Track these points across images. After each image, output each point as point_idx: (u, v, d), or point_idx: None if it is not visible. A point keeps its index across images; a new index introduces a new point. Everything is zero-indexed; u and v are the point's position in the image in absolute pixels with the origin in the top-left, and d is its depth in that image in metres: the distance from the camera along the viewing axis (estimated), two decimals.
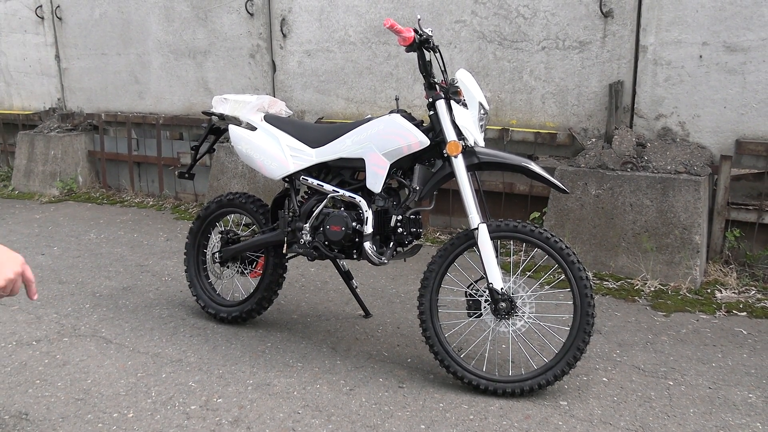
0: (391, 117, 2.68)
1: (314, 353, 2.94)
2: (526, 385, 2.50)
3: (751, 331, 3.15)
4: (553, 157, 4.51)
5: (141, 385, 2.65)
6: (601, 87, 4.27)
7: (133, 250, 4.60)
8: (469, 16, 4.64)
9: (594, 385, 2.63)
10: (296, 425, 2.35)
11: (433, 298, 2.63)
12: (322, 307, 3.51)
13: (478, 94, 2.60)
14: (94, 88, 6.75)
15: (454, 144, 2.54)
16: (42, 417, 2.42)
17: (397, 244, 2.79)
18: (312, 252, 2.88)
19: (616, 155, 4.04)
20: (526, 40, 4.47)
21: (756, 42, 3.78)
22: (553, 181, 2.56)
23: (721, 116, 3.94)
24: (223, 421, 2.38)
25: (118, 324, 3.28)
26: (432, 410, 2.45)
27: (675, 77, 4.03)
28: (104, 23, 6.48)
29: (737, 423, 2.35)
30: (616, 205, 3.89)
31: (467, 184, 2.54)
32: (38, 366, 2.83)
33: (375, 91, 5.11)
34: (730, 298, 3.54)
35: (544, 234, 2.49)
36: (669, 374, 2.72)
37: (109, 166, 6.68)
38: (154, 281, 3.95)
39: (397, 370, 2.78)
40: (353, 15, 5.10)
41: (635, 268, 3.82)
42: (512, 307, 2.50)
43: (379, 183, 2.71)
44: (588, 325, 2.44)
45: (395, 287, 3.80)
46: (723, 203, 3.90)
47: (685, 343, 3.02)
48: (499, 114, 4.67)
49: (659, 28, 4.03)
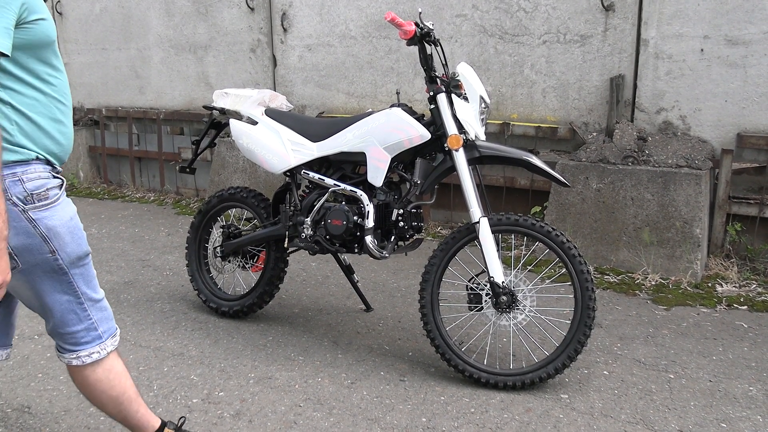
0: (392, 111, 2.68)
1: (316, 347, 2.95)
2: (527, 378, 2.51)
3: (751, 325, 3.15)
4: (554, 151, 4.51)
5: (143, 379, 2.66)
6: (602, 81, 4.27)
7: (134, 245, 4.61)
8: (470, 10, 4.64)
9: (595, 379, 2.63)
10: (298, 418, 2.36)
11: (435, 292, 2.63)
12: (324, 301, 3.52)
13: (479, 88, 2.60)
14: (95, 83, 6.75)
15: (455, 137, 2.54)
16: (44, 410, 2.43)
17: (399, 238, 2.79)
18: (313, 246, 2.88)
19: (617, 149, 4.04)
20: (527, 34, 4.46)
21: (757, 35, 3.77)
22: (554, 174, 2.56)
23: (723, 110, 3.94)
24: (224, 414, 2.39)
25: (120, 318, 3.29)
26: (433, 403, 2.46)
27: (676, 71, 4.03)
28: (105, 18, 6.47)
29: (738, 416, 2.36)
30: (617, 199, 3.89)
31: (468, 177, 2.54)
32: (40, 360, 2.84)
33: (376, 85, 5.11)
34: (730, 291, 3.54)
35: (545, 228, 2.49)
36: (670, 367, 2.73)
37: (110, 161, 6.68)
38: (155, 276, 3.95)
39: (398, 364, 2.78)
40: (354, 9, 5.09)
41: (636, 262, 3.82)
42: (513, 300, 2.51)
43: (380, 177, 2.71)
44: (589, 319, 2.45)
45: (396, 281, 3.80)
46: (724, 197, 3.89)
47: (686, 336, 3.03)
48: (500, 108, 4.66)
49: (660, 21, 4.02)
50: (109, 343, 1.86)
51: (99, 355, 1.83)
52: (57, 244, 1.69)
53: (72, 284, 1.77)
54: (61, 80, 1.75)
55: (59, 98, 1.74)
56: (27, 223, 1.65)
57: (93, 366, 1.84)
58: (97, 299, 1.84)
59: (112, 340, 1.88)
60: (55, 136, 1.73)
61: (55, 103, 1.73)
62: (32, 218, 1.65)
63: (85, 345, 1.82)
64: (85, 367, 1.83)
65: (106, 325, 1.86)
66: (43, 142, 1.70)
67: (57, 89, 1.74)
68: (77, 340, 1.81)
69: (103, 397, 1.88)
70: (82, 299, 1.80)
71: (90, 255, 1.81)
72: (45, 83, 1.70)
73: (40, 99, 1.69)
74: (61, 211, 1.71)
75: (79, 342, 1.81)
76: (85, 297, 1.80)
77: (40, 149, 1.70)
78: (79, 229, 1.76)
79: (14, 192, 1.63)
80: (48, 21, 1.68)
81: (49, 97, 1.71)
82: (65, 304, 1.77)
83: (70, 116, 1.79)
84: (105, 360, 1.85)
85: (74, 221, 1.75)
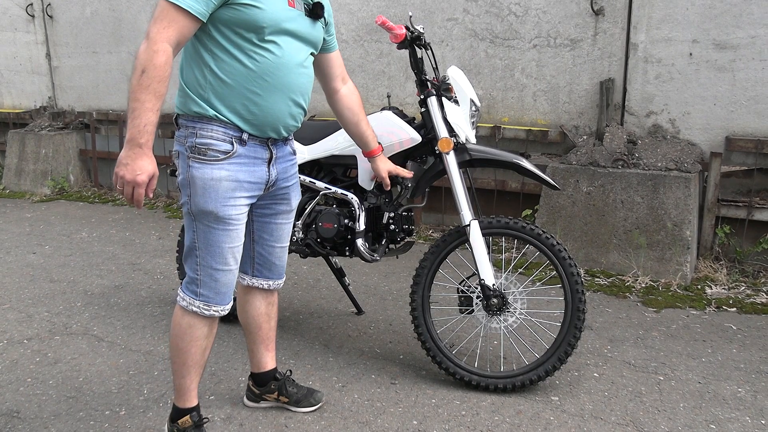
0: (383, 114, 2.69)
1: (306, 350, 2.95)
2: (518, 381, 2.52)
3: (740, 327, 3.17)
4: (545, 154, 4.53)
5: (133, 383, 2.65)
6: (592, 84, 4.29)
7: (125, 249, 4.59)
8: (461, 14, 4.65)
9: (585, 381, 2.64)
10: (289, 422, 2.36)
11: (425, 295, 2.64)
12: (315, 304, 3.51)
13: (469, 91, 2.61)
14: (86, 87, 6.72)
15: (445, 141, 2.55)
16: (33, 415, 2.42)
17: (390, 241, 2.80)
18: (304, 249, 2.88)
19: (607, 152, 4.06)
20: (518, 38, 4.48)
21: (745, 39, 3.81)
22: (544, 177, 2.57)
23: (711, 113, 3.97)
24: (215, 418, 2.38)
25: (110, 322, 3.27)
26: (424, 406, 2.46)
27: (665, 75, 4.06)
28: (95, 21, 6.45)
29: (726, 417, 2.37)
30: (607, 202, 3.91)
31: (459, 180, 2.55)
32: (29, 364, 2.82)
33: (367, 88, 5.11)
34: (720, 294, 3.57)
35: (535, 230, 2.50)
36: (659, 369, 2.74)
37: (100, 165, 6.65)
38: (146, 279, 3.94)
39: (389, 367, 2.78)
40: (345, 13, 5.10)
41: (626, 265, 3.84)
42: (504, 303, 2.51)
43: (370, 180, 2.71)
44: (579, 321, 2.46)
45: (387, 284, 3.80)
46: (713, 200, 3.92)
47: (676, 338, 3.05)
48: (491, 111, 4.68)
49: (650, 25, 4.05)
50: (200, 304, 2.02)
51: (186, 305, 2.03)
52: (191, 191, 1.93)
53: (194, 233, 1.98)
54: (269, 60, 1.91)
55: (263, 75, 1.91)
56: (185, 165, 1.93)
57: (182, 310, 2.05)
58: (213, 266, 1.99)
59: (206, 307, 2.02)
60: (247, 105, 1.92)
61: (255, 77, 1.90)
62: (189, 164, 1.93)
63: (185, 289, 2.04)
64: (178, 305, 2.07)
65: (207, 290, 2.01)
66: (233, 106, 1.91)
67: (261, 66, 1.90)
68: (184, 280, 2.05)
69: (172, 341, 2.08)
70: (197, 253, 1.99)
71: (223, 220, 1.95)
72: (249, 58, 1.89)
73: (240, 70, 1.89)
74: (209, 171, 1.91)
75: (183, 283, 2.05)
76: (201, 253, 1.98)
77: (228, 111, 1.91)
78: (214, 191, 1.92)
79: (188, 141, 1.93)
80: (262, 10, 1.85)
81: (250, 70, 1.89)
82: (189, 243, 2.01)
83: (274, 93, 1.95)
84: (191, 315, 2.03)
85: (215, 182, 1.92)
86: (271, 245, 2.24)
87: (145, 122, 1.75)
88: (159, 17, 1.76)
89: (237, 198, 1.96)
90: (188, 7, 1.76)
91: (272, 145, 2.04)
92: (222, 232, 1.96)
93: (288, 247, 2.33)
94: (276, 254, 2.26)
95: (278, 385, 2.41)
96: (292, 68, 1.96)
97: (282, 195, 2.17)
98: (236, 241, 2.01)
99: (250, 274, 2.28)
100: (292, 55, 1.95)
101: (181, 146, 1.95)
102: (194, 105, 1.92)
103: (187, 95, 1.94)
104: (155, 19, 1.76)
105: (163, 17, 1.76)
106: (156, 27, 1.75)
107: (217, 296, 2.02)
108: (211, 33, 1.87)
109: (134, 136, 1.74)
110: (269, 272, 2.28)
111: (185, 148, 1.94)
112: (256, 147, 1.99)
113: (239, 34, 1.86)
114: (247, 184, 1.98)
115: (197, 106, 1.92)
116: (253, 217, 2.18)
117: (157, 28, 1.75)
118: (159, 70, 1.74)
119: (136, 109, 1.74)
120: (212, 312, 2.03)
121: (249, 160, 1.97)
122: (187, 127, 1.94)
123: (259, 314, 2.34)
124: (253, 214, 2.17)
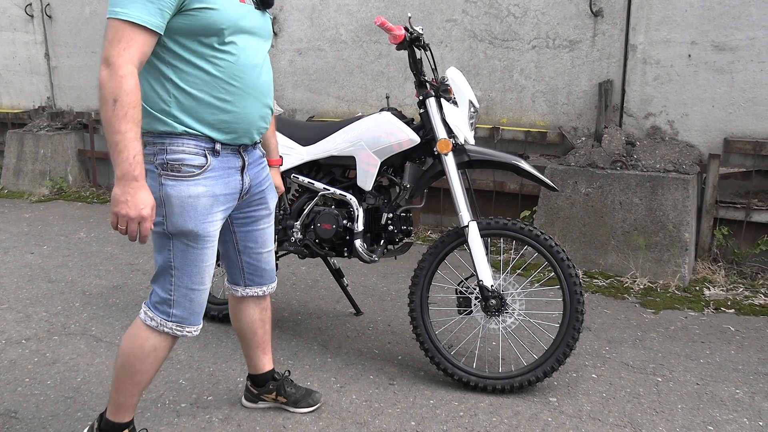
0: (382, 115, 2.69)
1: (305, 351, 2.95)
2: (516, 382, 2.52)
3: (738, 328, 3.17)
4: (544, 155, 4.53)
5: None
6: (590, 86, 4.30)
7: (123, 249, 4.59)
8: (460, 15, 4.66)
9: (583, 382, 2.65)
10: (287, 422, 2.36)
11: (424, 296, 2.64)
12: (313, 305, 3.51)
13: (468, 92, 2.61)
14: (84, 87, 6.72)
15: (444, 142, 2.55)
16: (31, 415, 2.41)
17: (388, 241, 2.80)
18: (303, 250, 2.88)
19: (605, 154, 4.06)
20: (517, 39, 4.49)
21: (744, 41, 3.81)
22: (542, 179, 2.57)
23: (710, 115, 3.98)
24: (213, 419, 2.38)
25: (108, 322, 3.27)
26: (422, 407, 2.46)
27: (664, 76, 4.06)
28: (94, 21, 6.45)
29: (724, 418, 2.37)
30: (606, 204, 3.91)
31: (457, 181, 2.55)
32: (27, 364, 2.82)
33: (366, 89, 5.12)
34: (718, 295, 3.57)
35: (533, 231, 2.50)
36: (657, 371, 2.74)
37: (99, 165, 6.64)
38: (144, 280, 3.93)
39: (387, 368, 2.78)
40: (344, 14, 5.10)
41: (625, 266, 3.84)
42: (502, 304, 2.51)
43: (369, 181, 2.71)
44: (577, 322, 2.46)
45: (386, 285, 3.81)
46: (711, 201, 3.93)
47: (674, 339, 3.05)
48: (490, 113, 4.68)
49: (648, 27, 4.05)
50: (173, 325, 1.94)
51: (156, 325, 1.94)
52: (167, 211, 1.84)
53: (169, 252, 1.89)
54: (231, 63, 1.84)
55: (227, 80, 1.84)
56: (157, 184, 1.83)
57: (149, 331, 1.95)
58: (189, 285, 1.92)
59: (179, 328, 1.95)
60: (217, 114, 1.85)
61: (221, 83, 1.83)
62: (161, 183, 1.83)
63: (154, 309, 1.95)
64: (141, 324, 1.96)
65: (182, 311, 1.94)
66: (202, 117, 1.84)
67: (225, 71, 1.83)
68: (152, 300, 1.96)
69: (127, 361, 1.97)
70: (173, 272, 1.91)
71: (202, 238, 1.89)
72: (212, 65, 1.81)
73: (204, 78, 1.81)
74: (186, 188, 1.83)
75: (151, 303, 1.96)
76: (177, 273, 1.91)
77: (198, 124, 1.84)
78: (192, 209, 1.85)
79: (157, 158, 1.83)
80: (217, 11, 1.77)
81: (215, 77, 1.82)
82: (163, 263, 1.92)
83: (242, 96, 1.88)
84: (160, 337, 1.95)
85: (192, 200, 1.84)
86: (258, 252, 2.19)
87: (133, 153, 1.66)
88: (115, 39, 1.64)
89: (215, 213, 1.90)
90: (144, 22, 1.65)
91: (244, 151, 1.97)
92: (200, 251, 1.90)
93: (275, 250, 2.29)
94: (264, 259, 2.22)
95: (276, 386, 2.41)
96: (255, 68, 1.90)
97: (258, 200, 2.11)
98: (212, 258, 1.95)
99: (243, 285, 2.24)
100: (253, 55, 1.89)
101: (150, 164, 1.82)
102: (159, 124, 1.82)
103: (149, 114, 1.81)
104: (111, 41, 1.65)
105: (120, 38, 1.64)
106: (115, 50, 1.64)
107: (191, 316, 1.96)
108: (167, 45, 1.77)
109: (126, 170, 1.65)
110: (261, 279, 2.24)
111: (155, 166, 1.82)
112: (229, 156, 1.92)
113: (199, 41, 1.78)
114: (223, 197, 1.92)
115: (163, 124, 1.82)
116: (234, 228, 2.13)
117: (117, 51, 1.64)
118: (131, 95, 1.64)
119: (119, 143, 1.64)
120: (185, 333, 1.96)
121: (223, 172, 1.91)
122: (155, 144, 1.83)
123: (253, 321, 2.31)
124: (233, 225, 2.12)
